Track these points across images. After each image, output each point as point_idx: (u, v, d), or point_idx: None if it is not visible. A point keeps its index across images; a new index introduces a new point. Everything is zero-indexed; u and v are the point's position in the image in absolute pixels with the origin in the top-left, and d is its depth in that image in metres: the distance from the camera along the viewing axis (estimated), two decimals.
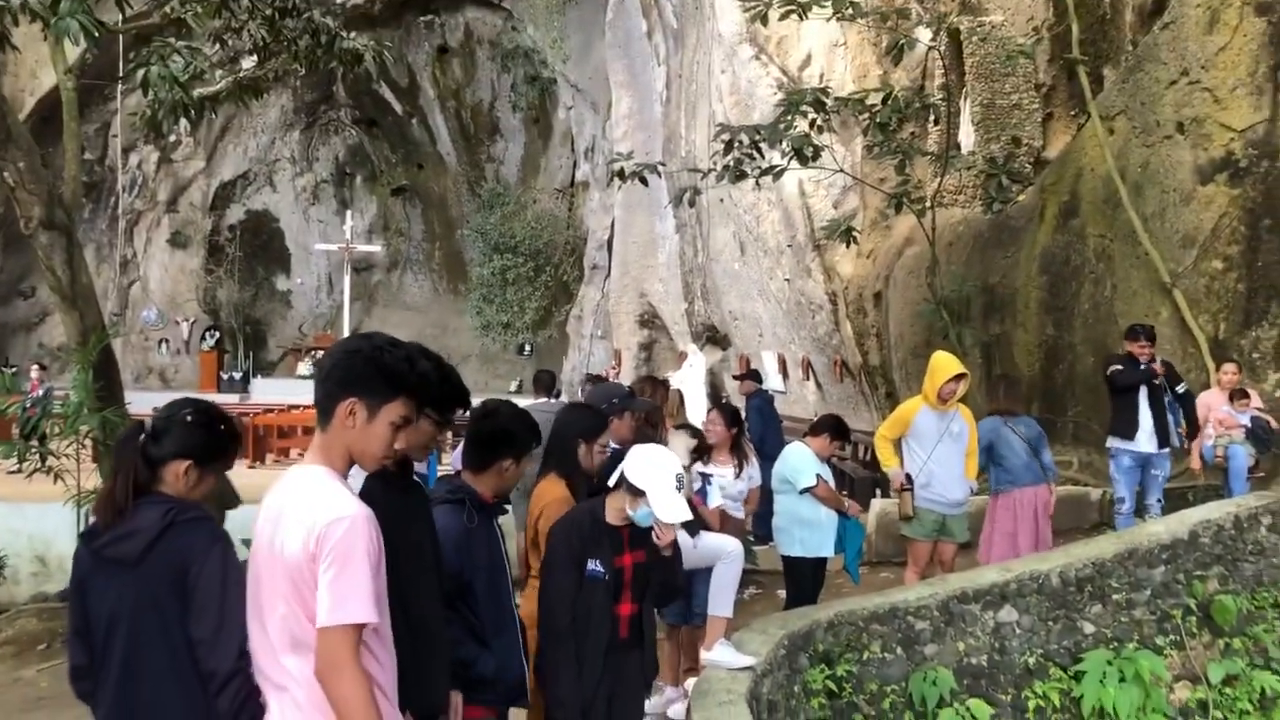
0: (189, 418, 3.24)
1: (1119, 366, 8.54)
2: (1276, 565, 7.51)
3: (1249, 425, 8.50)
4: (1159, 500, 8.61)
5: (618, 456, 4.26)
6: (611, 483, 4.22)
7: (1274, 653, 6.96)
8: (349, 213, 31.18)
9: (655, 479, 4.06)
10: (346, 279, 29.83)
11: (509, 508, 4.08)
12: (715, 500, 6.65)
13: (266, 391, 26.96)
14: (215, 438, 3.26)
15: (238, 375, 30.01)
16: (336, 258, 30.64)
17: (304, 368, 28.21)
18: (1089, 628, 6.71)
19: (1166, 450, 8.56)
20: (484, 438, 3.78)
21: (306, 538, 2.59)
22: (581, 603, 4.02)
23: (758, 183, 12.09)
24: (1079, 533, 8.57)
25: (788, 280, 18.34)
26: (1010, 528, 7.80)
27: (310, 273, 33.80)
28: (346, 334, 29.21)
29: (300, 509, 2.64)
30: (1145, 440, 8.48)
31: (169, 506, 3.11)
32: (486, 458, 3.72)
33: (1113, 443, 8.60)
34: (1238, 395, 8.68)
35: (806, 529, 7.02)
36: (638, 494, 4.08)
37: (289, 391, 25.13)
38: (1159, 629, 6.87)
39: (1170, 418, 8.54)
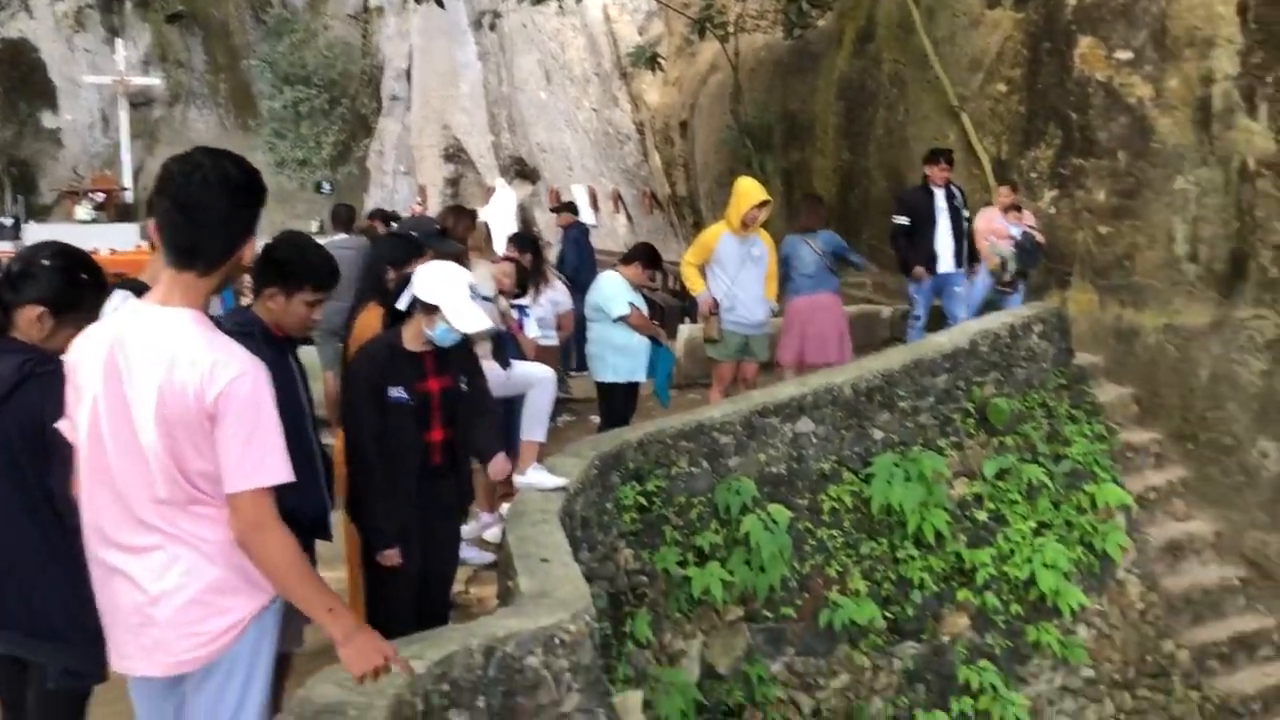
0: (47, 262, 3.02)
1: (904, 220, 8.87)
2: (1045, 369, 8.19)
3: (1018, 238, 9.00)
4: (969, 314, 9.07)
5: (407, 280, 4.17)
6: (402, 306, 4.15)
7: (1041, 448, 7.65)
8: (119, 42, 28.49)
9: (447, 292, 4.01)
10: (123, 115, 27.51)
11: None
12: (534, 330, 6.66)
13: (40, 237, 24.85)
14: (74, 286, 3.04)
15: (7, 221, 27.59)
16: (110, 92, 28.13)
17: (82, 211, 26.13)
18: (878, 434, 7.18)
19: (963, 269, 9.04)
20: (255, 265, 3.57)
21: (201, 390, 2.39)
22: (389, 430, 3.99)
23: (560, 6, 11.71)
24: (871, 349, 9.05)
25: (595, 110, 18.08)
26: (801, 332, 8.14)
27: (81, 108, 30.96)
28: (127, 175, 27.18)
29: (191, 358, 2.40)
30: (945, 263, 8.93)
31: (26, 356, 2.93)
32: (257, 286, 3.54)
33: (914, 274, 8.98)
34: (1011, 209, 9.16)
35: (620, 355, 7.15)
36: (432, 311, 4.03)
37: (67, 237, 23.26)
38: (941, 432, 7.42)
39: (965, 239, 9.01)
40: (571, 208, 13.02)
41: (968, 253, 9.01)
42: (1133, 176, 8.77)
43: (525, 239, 8.04)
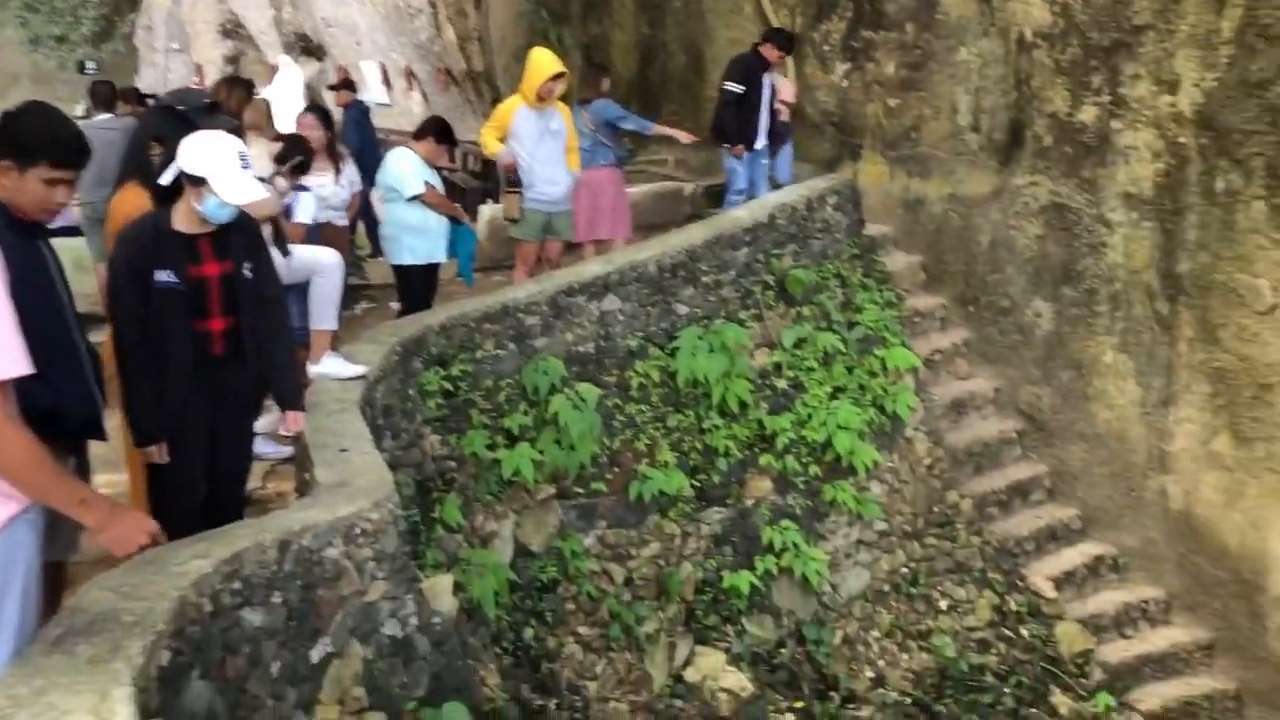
0: None
1: (738, 88, 8.79)
2: (839, 240, 8.42)
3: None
4: (786, 181, 9.16)
5: (173, 154, 3.82)
6: (166, 181, 3.82)
7: (836, 316, 7.92)
8: None
9: (214, 161, 3.70)
10: None
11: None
12: (307, 214, 6.26)
13: None
14: None
15: None
16: None
17: None
18: (683, 309, 7.25)
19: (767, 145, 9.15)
20: None
21: None
22: (156, 318, 3.69)
23: None
24: (673, 225, 9.08)
25: None
26: (578, 208, 8.06)
27: None
28: None
29: None
30: (761, 139, 8.99)
31: None
32: None
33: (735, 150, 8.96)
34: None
35: (416, 236, 6.89)
36: (199, 183, 3.72)
37: None
38: (742, 304, 7.56)
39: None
40: (350, 85, 12.34)
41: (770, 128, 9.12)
42: (919, 49, 8.98)
43: (322, 112, 7.55)
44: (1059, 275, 8.14)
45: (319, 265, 5.31)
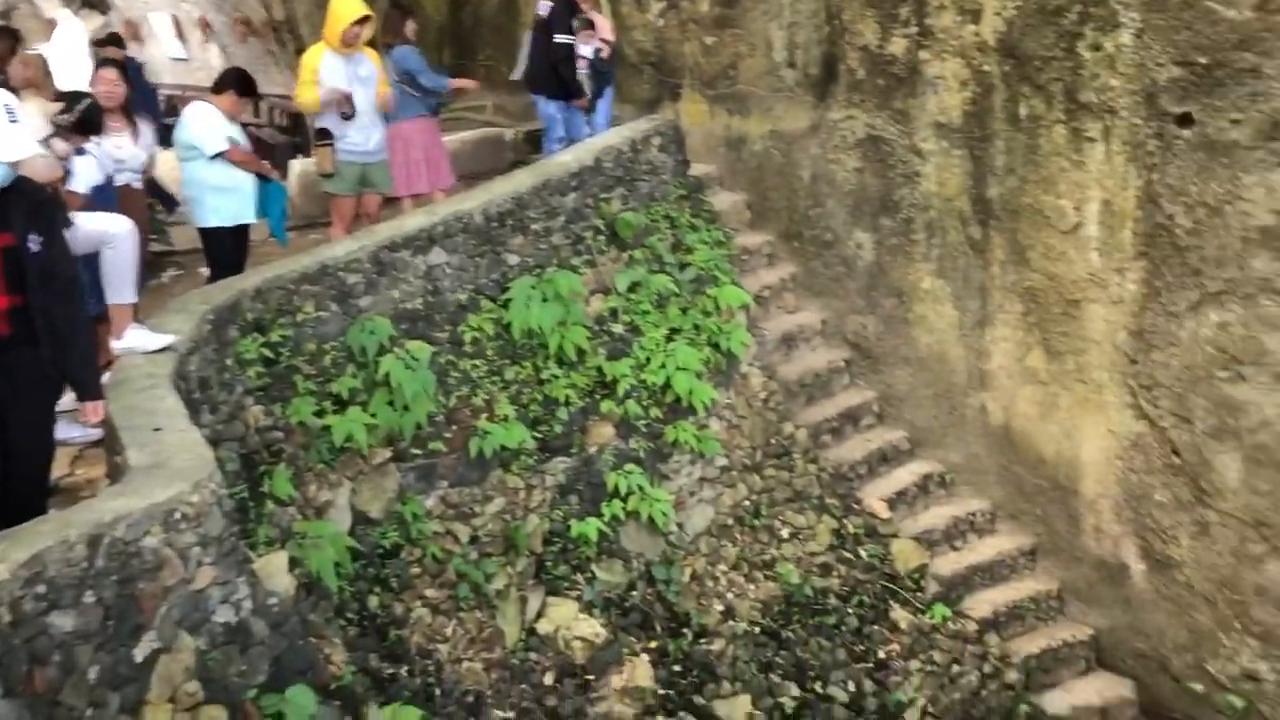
0: None
1: (569, 38, 8.54)
2: (665, 181, 8.39)
3: (590, 58, 8.85)
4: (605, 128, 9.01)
5: None
6: None
7: (667, 258, 7.91)
8: None
9: None
10: None
11: None
12: (86, 179, 5.73)
13: None
14: None
15: None
16: None
17: None
18: (513, 259, 7.09)
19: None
20: None
21: None
22: None
23: None
24: (497, 173, 8.86)
25: None
26: (401, 159, 7.78)
27: None
28: None
29: None
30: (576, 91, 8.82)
31: None
32: None
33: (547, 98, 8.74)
34: (584, 26, 8.86)
35: (221, 196, 6.47)
36: None
37: None
38: (574, 250, 7.45)
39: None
40: (117, 40, 11.47)
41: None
42: None
43: (124, 67, 6.96)
44: (877, 206, 8.35)
45: (107, 235, 4.89)
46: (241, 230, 6.67)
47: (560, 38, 8.60)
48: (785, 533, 7.51)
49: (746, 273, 8.47)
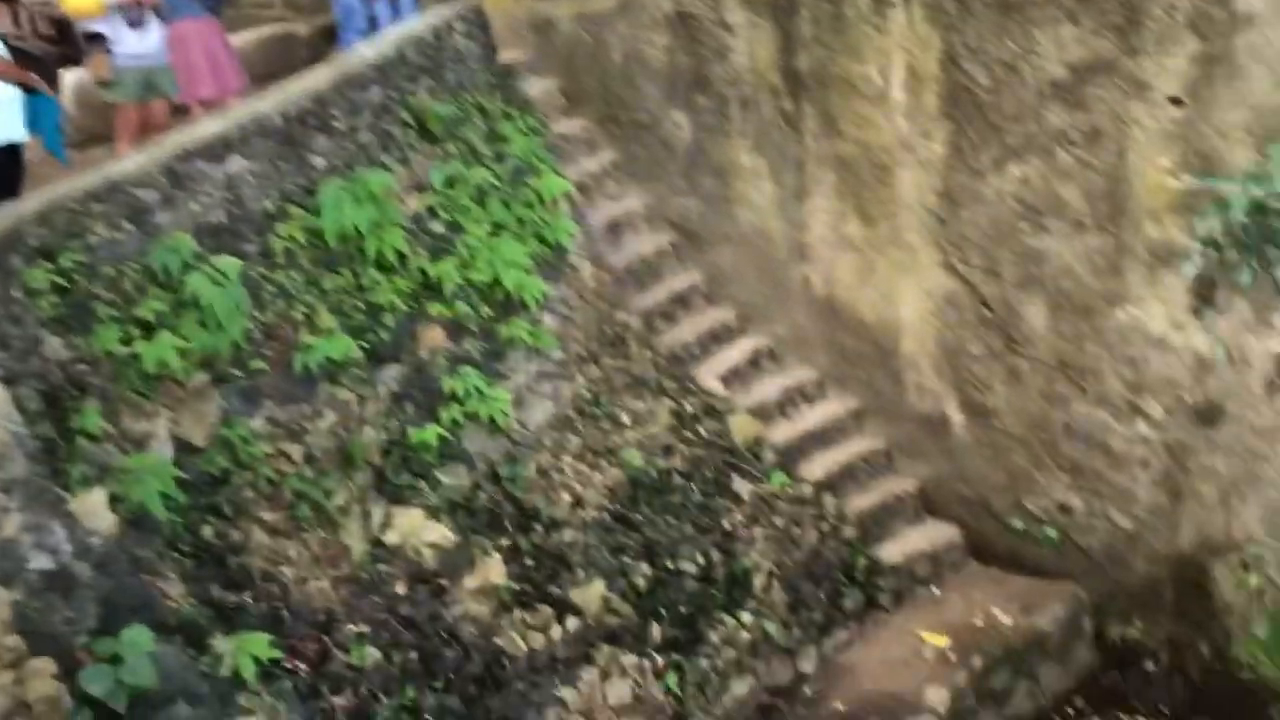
0: None
1: None
2: (474, 70, 8.07)
3: None
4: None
5: None
6: None
7: (483, 150, 7.66)
8: None
9: None
10: None
11: None
12: None
13: None
14: None
15: None
16: None
17: None
18: (320, 161, 6.73)
19: None
20: None
21: None
22: None
23: None
24: (292, 73, 8.33)
25: None
26: (182, 64, 7.25)
27: None
28: None
29: None
30: None
31: None
32: None
33: None
34: None
35: None
36: None
37: None
38: (383, 148, 7.13)
39: None
40: None
41: None
42: None
43: None
44: (691, 84, 8.29)
45: None
46: (12, 150, 6.10)
47: None
48: (626, 419, 7.58)
49: (566, 161, 8.32)
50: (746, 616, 7.01)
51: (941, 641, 7.27)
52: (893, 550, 7.86)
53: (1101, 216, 6.84)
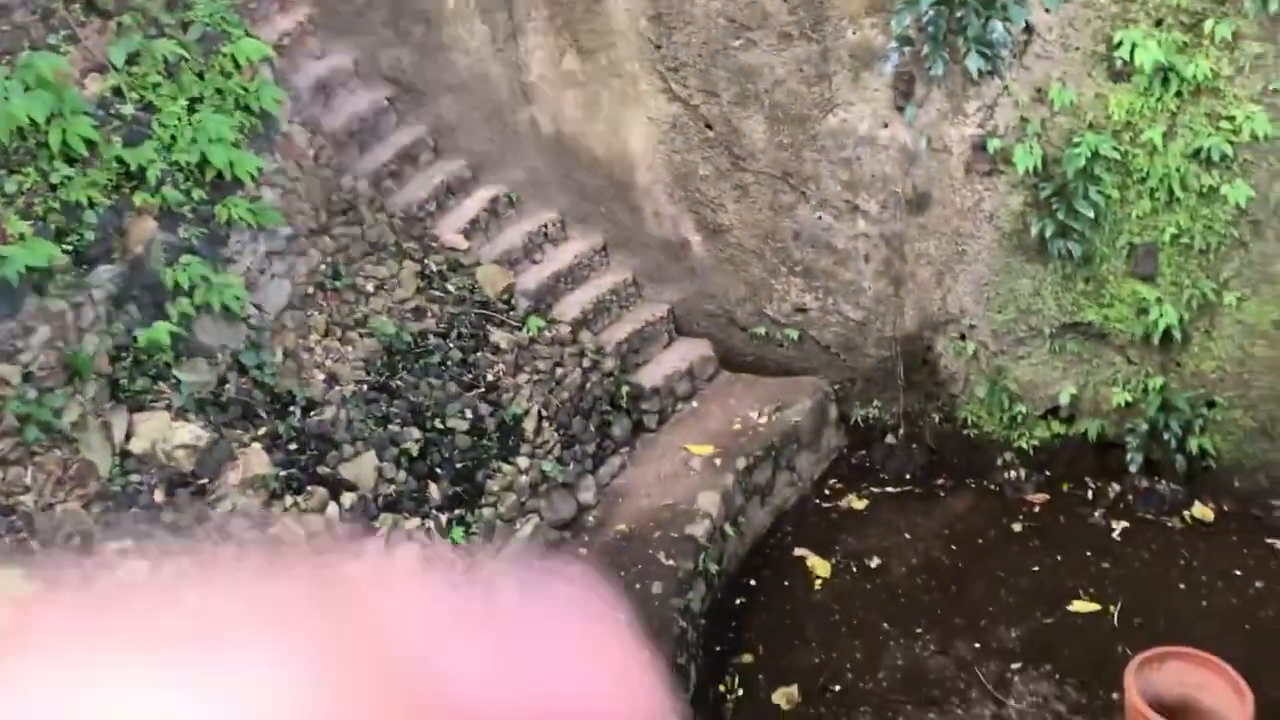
0: None
1: None
2: None
3: None
4: None
5: None
6: None
7: (164, 19, 6.98)
8: None
9: None
10: None
11: None
12: None
13: None
14: None
15: None
16: None
17: None
18: None
19: None
20: None
21: None
22: None
23: None
24: None
25: None
26: None
27: None
28: None
29: None
30: None
31: None
32: None
33: None
34: None
35: None
36: None
37: None
38: (46, 27, 6.39)
39: None
40: None
41: None
42: None
43: None
44: None
45: None
46: None
47: None
48: (370, 287, 7.38)
49: (258, 21, 7.73)
50: (523, 461, 7.16)
51: (706, 451, 7.70)
52: (652, 374, 8.16)
53: (805, 25, 7.07)
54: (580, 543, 7.13)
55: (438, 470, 6.75)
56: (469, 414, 7.09)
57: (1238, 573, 7.03)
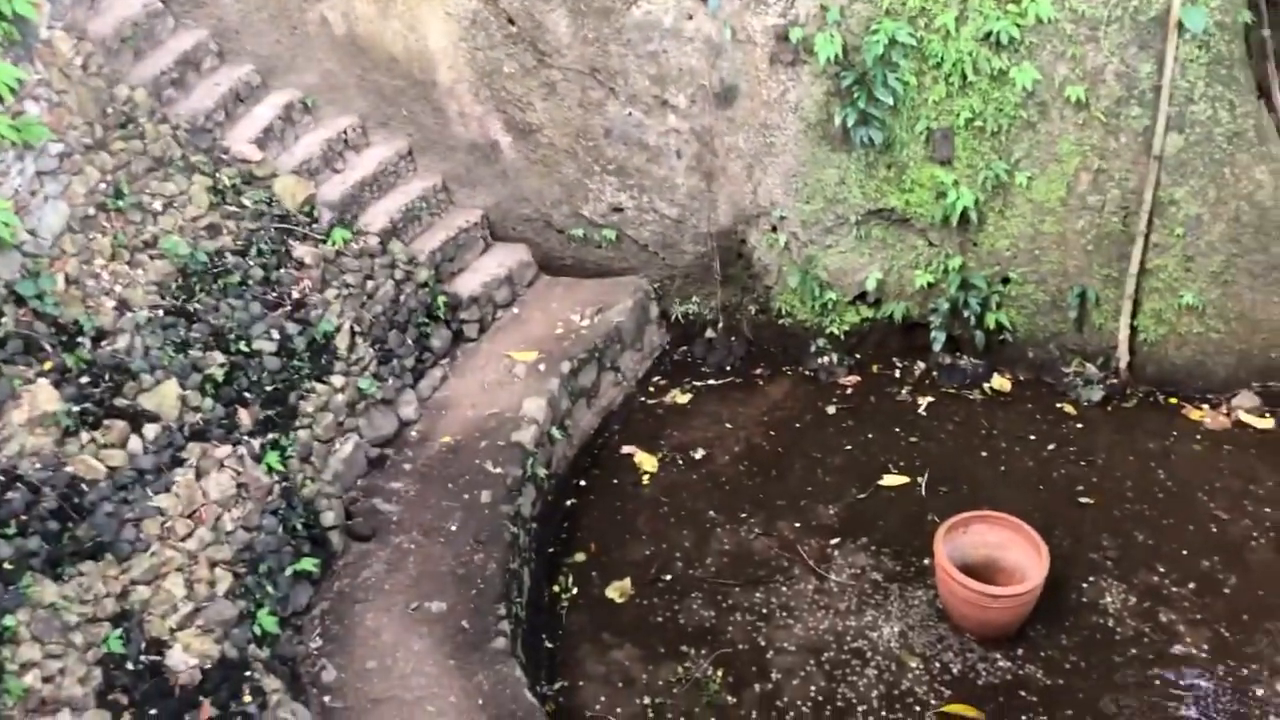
0: None
1: None
2: None
3: None
4: None
5: None
6: None
7: None
8: None
9: None
10: None
11: None
12: None
13: None
14: None
15: None
16: None
17: None
18: None
19: None
20: None
21: None
22: None
23: None
24: None
25: None
26: None
27: None
28: None
29: None
30: None
31: None
32: None
33: None
34: None
35: None
36: None
37: None
38: None
39: None
40: None
41: None
42: None
43: None
44: None
45: None
46: None
47: None
48: (158, 205, 6.89)
49: None
50: (337, 379, 6.93)
51: (530, 356, 7.64)
52: (469, 282, 8.00)
53: None
54: (404, 458, 7.00)
55: (246, 395, 6.46)
56: (276, 334, 6.79)
57: (1032, 438, 7.50)
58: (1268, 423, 7.40)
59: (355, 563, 6.41)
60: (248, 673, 5.44)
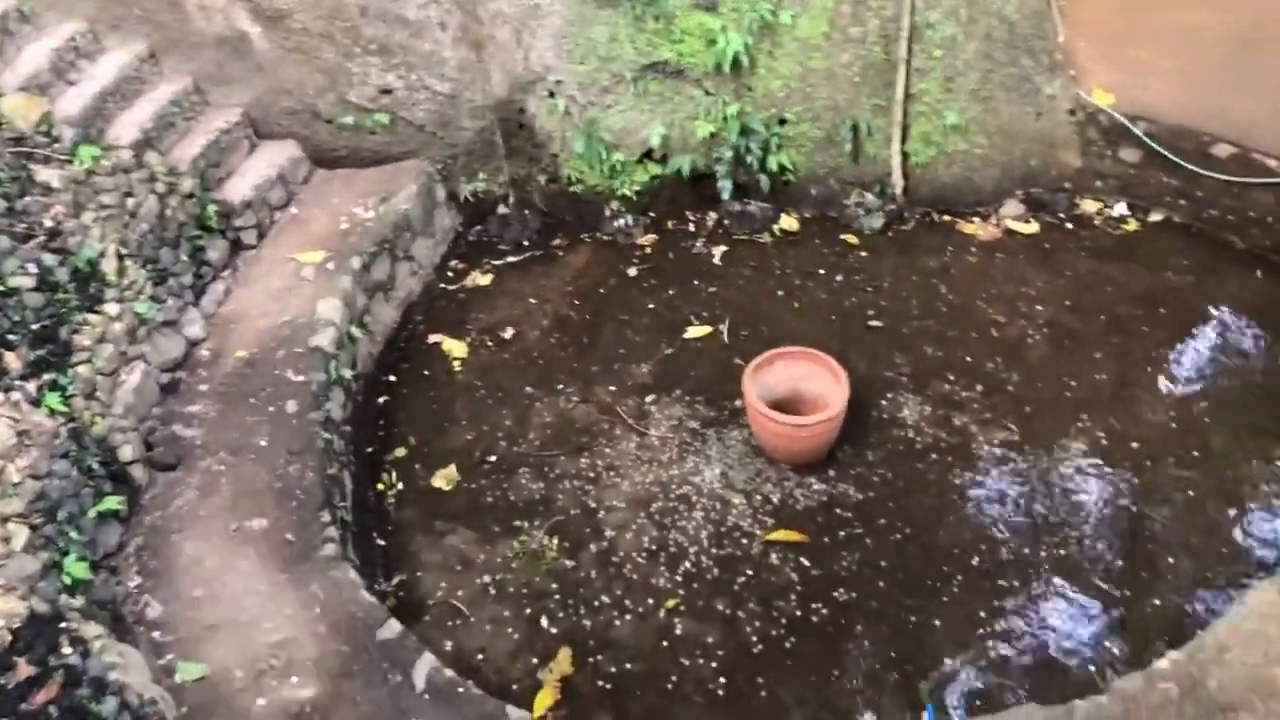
0: None
1: None
2: None
3: None
4: None
5: None
6: None
7: None
8: None
9: None
10: None
11: None
12: None
13: None
14: None
15: None
16: None
17: None
18: None
19: None
20: None
21: None
22: None
23: None
24: None
25: None
26: None
27: None
28: None
29: None
30: None
31: None
32: None
33: None
34: None
35: None
36: None
37: None
38: None
39: None
40: None
41: None
42: None
43: None
44: None
45: None
46: None
47: None
48: None
49: None
50: (111, 308, 6.48)
51: (317, 257, 7.35)
52: (239, 186, 7.57)
53: None
54: (198, 379, 6.69)
55: (10, 337, 5.97)
56: (33, 268, 6.26)
57: (822, 272, 7.79)
58: (1033, 227, 7.91)
59: (164, 493, 6.14)
60: (63, 624, 5.19)
